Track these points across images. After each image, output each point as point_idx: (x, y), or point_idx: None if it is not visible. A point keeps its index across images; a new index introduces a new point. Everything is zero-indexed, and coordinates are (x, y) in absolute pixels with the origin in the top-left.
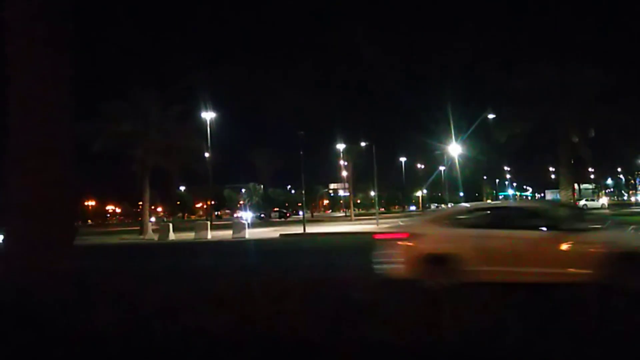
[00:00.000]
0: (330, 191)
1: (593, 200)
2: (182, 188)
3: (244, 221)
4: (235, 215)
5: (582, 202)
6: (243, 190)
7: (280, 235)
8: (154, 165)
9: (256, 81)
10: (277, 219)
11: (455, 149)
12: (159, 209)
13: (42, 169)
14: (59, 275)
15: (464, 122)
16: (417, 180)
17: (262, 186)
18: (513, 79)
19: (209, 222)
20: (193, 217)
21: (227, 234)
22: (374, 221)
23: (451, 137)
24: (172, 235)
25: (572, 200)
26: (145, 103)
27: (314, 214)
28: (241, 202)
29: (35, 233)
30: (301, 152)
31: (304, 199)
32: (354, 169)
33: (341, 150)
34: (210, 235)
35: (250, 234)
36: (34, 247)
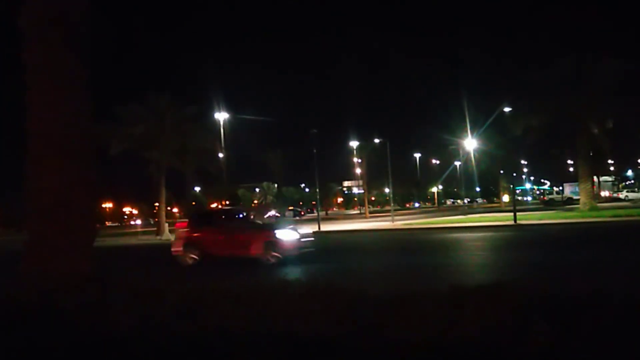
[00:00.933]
0: (344, 189)
1: (635, 191)
2: (197, 189)
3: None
4: None
5: (623, 194)
6: (257, 189)
7: None
8: (169, 167)
9: (268, 80)
10: (292, 218)
11: (471, 143)
12: (175, 210)
13: (61, 171)
14: (81, 277)
15: (480, 116)
16: (431, 176)
17: (275, 185)
18: (529, 70)
19: None
20: None
21: None
22: (389, 218)
23: (467, 132)
24: None
25: (594, 192)
26: (160, 105)
27: (328, 211)
28: (255, 201)
29: (55, 235)
30: (314, 150)
31: (318, 197)
32: (368, 166)
33: (354, 147)
34: None
35: None
36: (54, 249)
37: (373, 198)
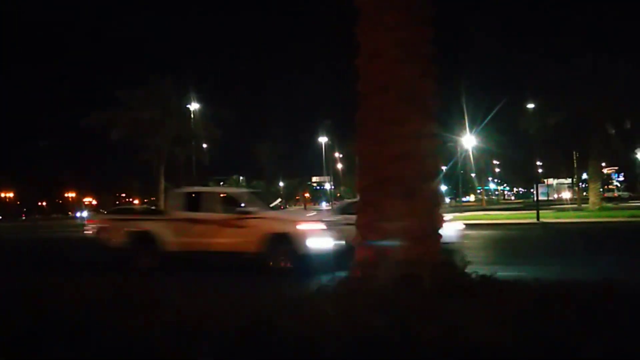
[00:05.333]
0: (314, 184)
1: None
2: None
3: None
4: None
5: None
6: (222, 183)
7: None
8: (168, 155)
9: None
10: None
11: (469, 140)
12: (137, 201)
13: (408, 135)
14: (438, 270)
15: (478, 113)
16: None
17: (242, 178)
18: (545, 68)
19: None
20: None
21: None
22: None
23: (459, 128)
24: None
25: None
26: (164, 90)
27: (306, 206)
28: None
29: (404, 216)
30: (330, 142)
31: (337, 191)
32: (341, 161)
33: (323, 143)
34: None
35: None
36: (403, 232)
37: (339, 194)
